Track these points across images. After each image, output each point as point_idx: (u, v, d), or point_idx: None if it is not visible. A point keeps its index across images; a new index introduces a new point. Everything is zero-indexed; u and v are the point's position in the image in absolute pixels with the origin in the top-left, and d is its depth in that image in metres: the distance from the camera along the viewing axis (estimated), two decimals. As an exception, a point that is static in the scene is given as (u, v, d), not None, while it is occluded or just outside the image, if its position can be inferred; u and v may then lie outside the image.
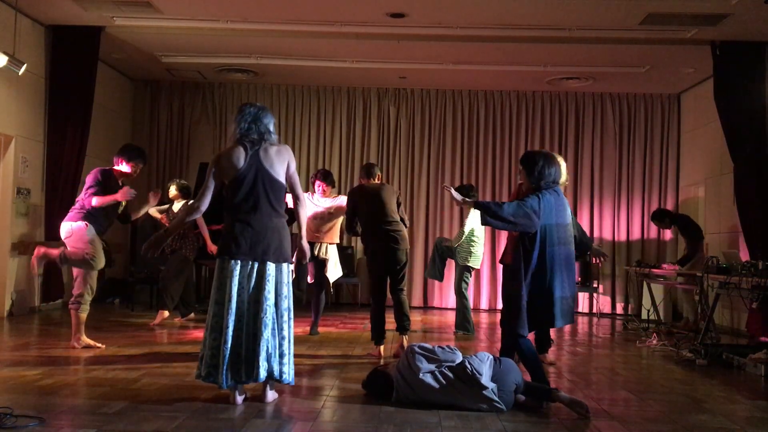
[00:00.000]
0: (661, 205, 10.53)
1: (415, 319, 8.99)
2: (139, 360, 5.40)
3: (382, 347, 6.00)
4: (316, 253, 7.00)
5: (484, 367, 4.13)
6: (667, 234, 10.51)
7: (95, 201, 5.68)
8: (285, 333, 4.09)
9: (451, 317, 8.67)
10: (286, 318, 4.12)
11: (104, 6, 7.67)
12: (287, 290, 4.16)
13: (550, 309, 4.32)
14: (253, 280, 4.07)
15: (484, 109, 10.86)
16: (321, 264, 7.06)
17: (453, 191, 4.76)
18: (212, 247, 7.57)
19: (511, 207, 4.26)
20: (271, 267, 4.09)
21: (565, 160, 10.51)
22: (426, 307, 10.64)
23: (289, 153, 4.24)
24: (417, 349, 4.32)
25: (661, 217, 8.99)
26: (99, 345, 5.78)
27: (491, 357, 4.24)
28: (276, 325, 4.06)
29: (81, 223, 5.72)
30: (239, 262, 4.06)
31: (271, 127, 4.25)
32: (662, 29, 7.83)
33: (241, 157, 4.12)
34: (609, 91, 10.66)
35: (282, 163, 4.17)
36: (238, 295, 4.04)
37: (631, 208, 10.66)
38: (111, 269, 9.36)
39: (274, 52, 9.26)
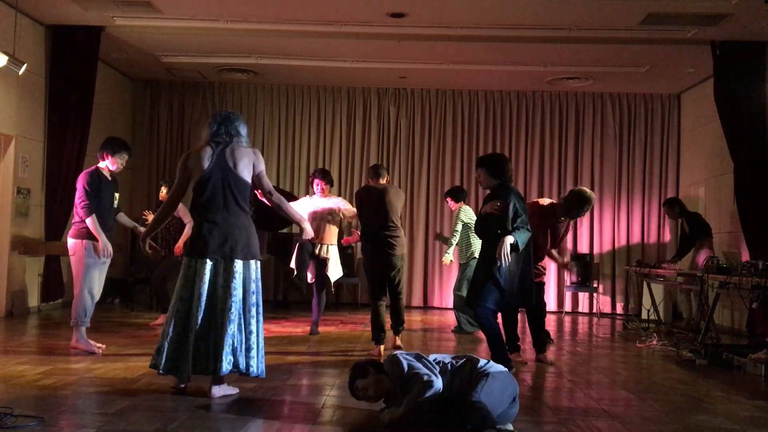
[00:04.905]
0: (661, 205, 10.53)
1: (415, 319, 9.00)
2: (139, 360, 5.39)
3: (382, 347, 6.02)
4: (316, 252, 7.01)
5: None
6: (667, 235, 10.53)
7: (88, 222, 5.58)
8: (252, 328, 4.18)
9: (451, 317, 8.67)
10: (253, 313, 4.20)
11: (104, 6, 7.67)
12: (255, 286, 4.25)
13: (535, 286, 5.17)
14: (221, 278, 4.16)
15: (484, 109, 10.86)
16: (322, 264, 7.06)
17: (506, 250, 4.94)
18: (179, 248, 7.50)
19: (520, 221, 4.94)
20: (238, 264, 4.18)
21: (566, 159, 10.69)
22: (426, 307, 10.64)
23: (256, 154, 4.31)
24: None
25: (672, 204, 8.86)
26: (99, 345, 5.77)
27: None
28: (243, 320, 4.15)
29: (79, 242, 5.62)
30: (208, 260, 4.14)
31: (242, 131, 4.34)
32: (662, 29, 7.83)
33: (206, 157, 4.22)
34: (609, 91, 10.66)
35: (247, 164, 4.25)
36: (207, 292, 4.12)
37: (631, 208, 10.66)
38: (111, 269, 9.32)
39: (274, 52, 9.26)
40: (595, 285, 10.25)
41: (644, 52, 8.63)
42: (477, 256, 7.46)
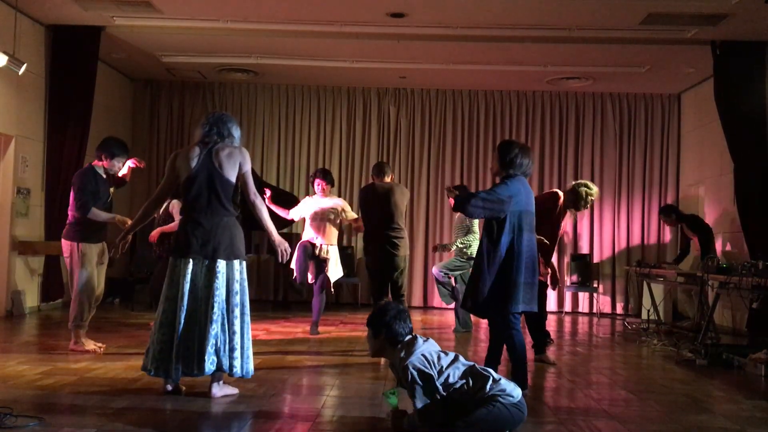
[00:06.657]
0: (661, 205, 10.53)
1: (416, 319, 8.99)
2: (139, 360, 5.37)
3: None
4: (317, 253, 7.01)
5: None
6: (667, 235, 10.53)
7: (92, 215, 5.55)
8: (236, 328, 4.18)
9: (451, 317, 8.68)
10: (237, 313, 4.20)
11: (104, 6, 7.66)
12: (239, 286, 4.25)
13: (511, 293, 4.41)
14: (205, 278, 4.17)
15: (484, 109, 10.86)
16: (322, 264, 7.06)
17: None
18: (153, 236, 7.43)
19: (481, 194, 4.48)
20: (221, 264, 4.18)
21: (566, 159, 10.68)
22: (426, 307, 10.64)
23: (242, 154, 4.27)
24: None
25: (668, 212, 8.92)
26: (99, 345, 5.77)
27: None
28: (226, 320, 4.16)
29: (74, 244, 5.62)
30: (191, 260, 4.16)
31: (235, 132, 4.33)
32: (662, 29, 7.83)
33: (194, 157, 4.24)
34: (609, 91, 10.66)
35: (233, 164, 4.23)
36: (190, 292, 4.14)
37: (632, 208, 10.66)
38: (111, 269, 9.33)
39: (274, 52, 9.26)
40: (595, 285, 10.26)
41: (644, 52, 8.63)
42: (469, 254, 7.48)
